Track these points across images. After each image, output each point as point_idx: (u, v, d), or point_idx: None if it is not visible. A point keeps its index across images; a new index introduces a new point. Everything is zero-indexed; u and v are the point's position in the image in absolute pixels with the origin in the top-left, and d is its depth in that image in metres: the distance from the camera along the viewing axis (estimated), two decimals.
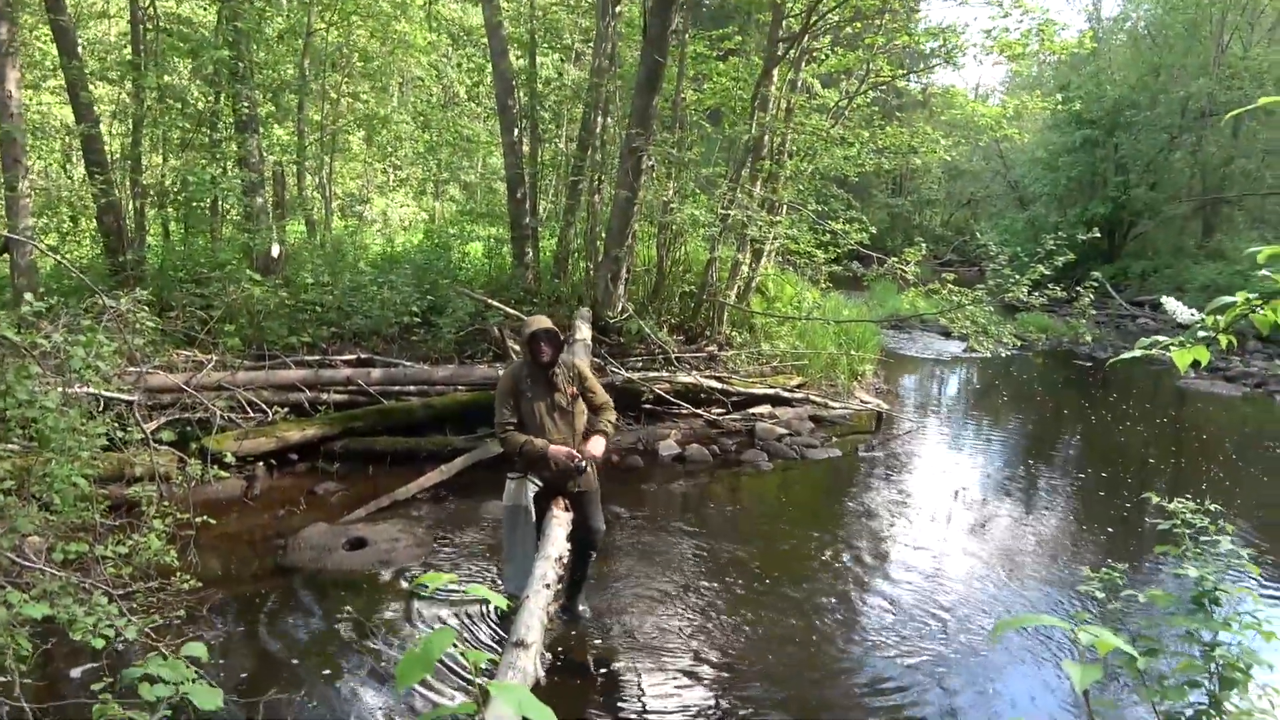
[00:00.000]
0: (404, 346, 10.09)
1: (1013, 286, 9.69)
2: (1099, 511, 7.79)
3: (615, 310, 10.06)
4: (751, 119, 10.73)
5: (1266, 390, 13.43)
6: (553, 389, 4.78)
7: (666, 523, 7.09)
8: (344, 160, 16.00)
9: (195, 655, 2.61)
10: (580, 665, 4.82)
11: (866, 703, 4.54)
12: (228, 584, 5.56)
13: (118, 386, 6.44)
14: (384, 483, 7.43)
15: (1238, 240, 21.67)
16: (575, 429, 4.85)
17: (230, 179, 10.39)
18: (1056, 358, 16.47)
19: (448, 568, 6.00)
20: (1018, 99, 12.46)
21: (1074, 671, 1.57)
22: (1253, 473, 9.35)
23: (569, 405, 4.83)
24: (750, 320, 11.73)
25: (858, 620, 5.49)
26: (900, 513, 7.53)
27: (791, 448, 9.04)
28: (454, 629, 4.88)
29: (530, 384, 4.77)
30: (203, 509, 5.73)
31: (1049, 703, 4.59)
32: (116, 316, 5.80)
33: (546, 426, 4.74)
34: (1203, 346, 1.96)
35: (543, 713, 1.24)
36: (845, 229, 10.95)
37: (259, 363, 8.75)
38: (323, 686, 4.47)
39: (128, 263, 9.64)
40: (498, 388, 4.91)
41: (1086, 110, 23.34)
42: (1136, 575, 6.12)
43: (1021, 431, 11.24)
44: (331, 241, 12.98)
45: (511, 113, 11.65)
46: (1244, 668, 2.40)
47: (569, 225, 12.08)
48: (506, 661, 3.55)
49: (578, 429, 4.87)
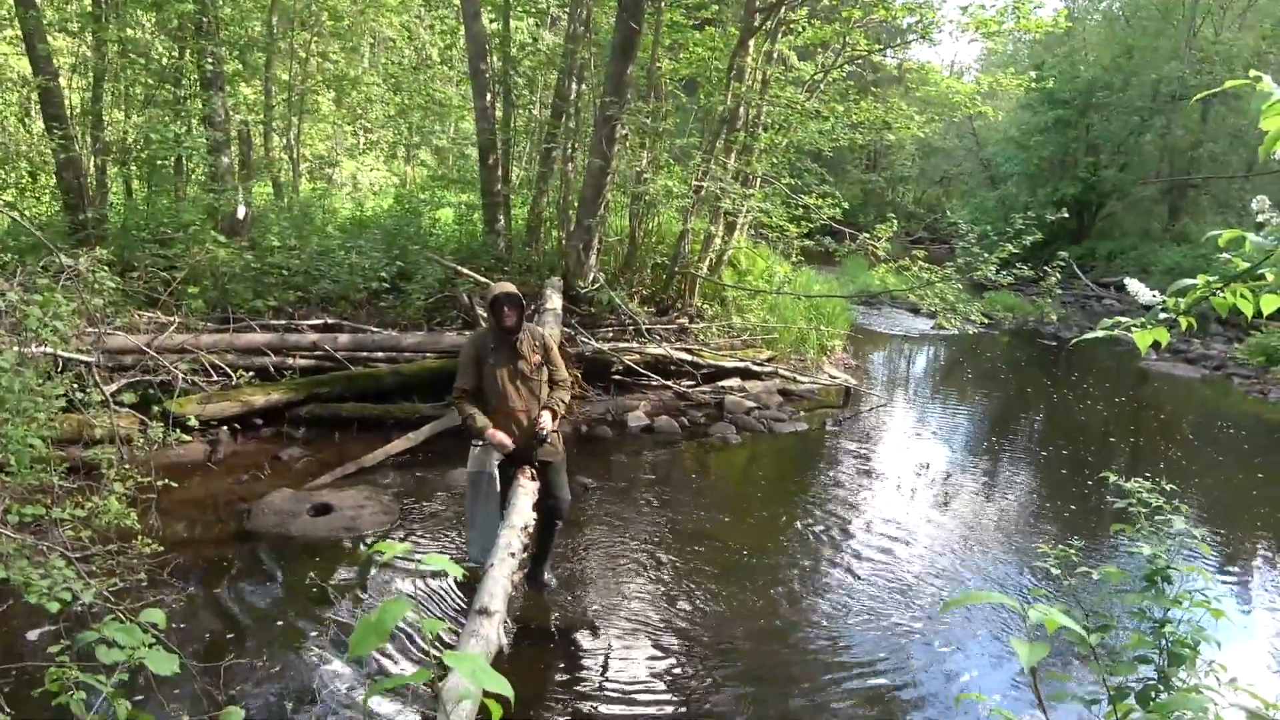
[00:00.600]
0: (372, 312, 9.97)
1: (981, 265, 9.77)
2: (1059, 489, 7.94)
3: (587, 280, 10.01)
4: (727, 90, 10.66)
5: (1225, 373, 13.71)
6: (516, 356, 4.76)
7: (634, 494, 7.12)
8: (313, 121, 15.69)
9: (153, 620, 2.58)
10: (545, 635, 4.85)
11: (825, 674, 4.61)
12: (189, 548, 5.50)
13: (76, 347, 6.33)
14: (350, 449, 7.37)
15: (1203, 224, 22.00)
16: (538, 397, 4.83)
17: (195, 138, 10.14)
18: (1022, 337, 16.67)
19: (414, 536, 5.98)
20: (992, 77, 12.46)
21: (1021, 649, 1.59)
22: (1208, 453, 9.56)
23: (531, 373, 4.80)
24: (721, 293, 11.73)
25: (820, 592, 5.56)
26: (865, 487, 7.62)
27: (760, 421, 9.09)
28: (410, 598, 4.89)
29: (493, 350, 4.75)
30: (164, 473, 5.67)
31: (1004, 676, 4.70)
32: (75, 275, 5.67)
33: (508, 393, 4.72)
34: (1163, 328, 1.98)
35: (498, 682, 1.24)
36: (818, 203, 10.95)
37: (223, 326, 8.61)
38: (284, 653, 4.45)
39: (88, 221, 9.41)
40: (461, 352, 4.88)
41: (1060, 90, 23.47)
42: (1092, 552, 6.26)
43: (986, 409, 11.39)
44: (299, 204, 12.75)
45: (484, 77, 11.47)
46: (1193, 644, 2.46)
47: (541, 193, 11.97)
48: (470, 629, 3.55)
49: (540, 397, 4.84)
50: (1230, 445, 10.07)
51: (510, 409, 4.72)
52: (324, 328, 9.13)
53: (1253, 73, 1.68)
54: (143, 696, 3.72)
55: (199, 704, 3.66)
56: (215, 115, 10.59)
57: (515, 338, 4.75)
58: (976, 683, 4.58)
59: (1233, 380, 13.22)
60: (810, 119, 11.84)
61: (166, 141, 9.73)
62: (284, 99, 13.58)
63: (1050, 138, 25.05)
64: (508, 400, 4.71)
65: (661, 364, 9.69)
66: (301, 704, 4.03)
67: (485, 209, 11.90)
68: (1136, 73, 23.98)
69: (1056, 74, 23.35)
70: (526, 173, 14.07)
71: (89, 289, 6.65)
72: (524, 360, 4.77)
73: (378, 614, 1.42)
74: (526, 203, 12.70)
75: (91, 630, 2.46)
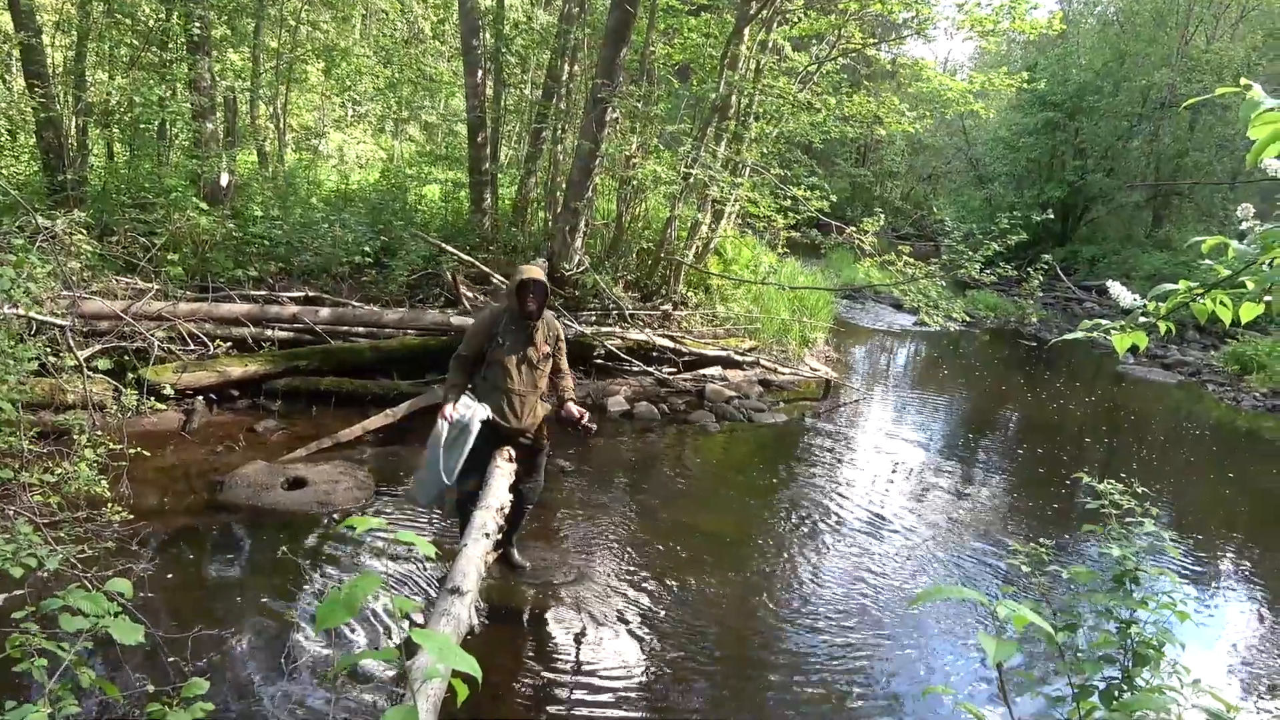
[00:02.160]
0: (354, 287, 9.90)
1: (966, 263, 9.81)
2: (1032, 487, 8.01)
3: (572, 263, 9.97)
4: (720, 77, 10.61)
5: (1199, 379, 13.87)
6: (529, 341, 4.76)
7: (611, 479, 7.12)
8: (300, 91, 15.49)
9: (119, 589, 2.55)
10: (516, 616, 4.85)
11: (794, 663, 4.63)
12: (161, 518, 5.45)
13: (51, 310, 6.24)
14: (327, 424, 7.32)
15: (1186, 232, 22.18)
16: (538, 387, 4.85)
17: (179, 102, 10.00)
18: (1003, 336, 16.78)
19: (388, 513, 5.95)
20: (985, 76, 12.47)
21: (989, 645, 1.60)
22: (1179, 457, 9.68)
23: (538, 361, 4.81)
24: (706, 281, 11.72)
25: (792, 583, 5.59)
26: (841, 480, 7.66)
27: (739, 410, 9.11)
28: (380, 574, 4.87)
29: (510, 330, 4.74)
30: (137, 441, 5.61)
31: (971, 671, 4.74)
32: (52, 237, 5.59)
33: (512, 374, 4.73)
34: (1141, 332, 1.99)
35: (466, 662, 1.23)
36: (806, 195, 10.94)
37: (202, 294, 8.52)
38: (253, 625, 4.43)
39: (67, 182, 9.25)
40: (474, 319, 4.87)
41: (1051, 92, 23.54)
42: (1063, 551, 6.32)
43: (964, 406, 11.47)
44: (284, 174, 12.62)
45: (476, 53, 11.37)
46: (1157, 645, 2.48)
47: (529, 174, 11.90)
48: (440, 608, 3.53)
49: (540, 387, 4.87)
50: (1201, 450, 10.19)
51: (509, 389, 4.73)
52: (305, 300, 9.06)
53: (1243, 80, 1.68)
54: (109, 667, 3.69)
55: (165, 675, 3.63)
56: (201, 80, 10.43)
57: (533, 324, 4.74)
58: (945, 677, 4.62)
59: (1207, 387, 13.37)
60: (802, 110, 11.82)
61: (150, 105, 9.58)
62: (272, 67, 13.41)
63: (1039, 139, 25.15)
64: (510, 380, 4.73)
65: (643, 350, 9.68)
66: (269, 677, 4.02)
67: (472, 187, 11.81)
68: (1128, 78, 24.09)
69: (1048, 76, 23.43)
70: (515, 152, 13.99)
71: (66, 251, 6.56)
72: (534, 347, 4.77)
73: (347, 588, 1.41)
74: (514, 183, 12.61)
75: (55, 597, 2.43)
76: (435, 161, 13.99)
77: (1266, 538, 7.63)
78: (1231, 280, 1.79)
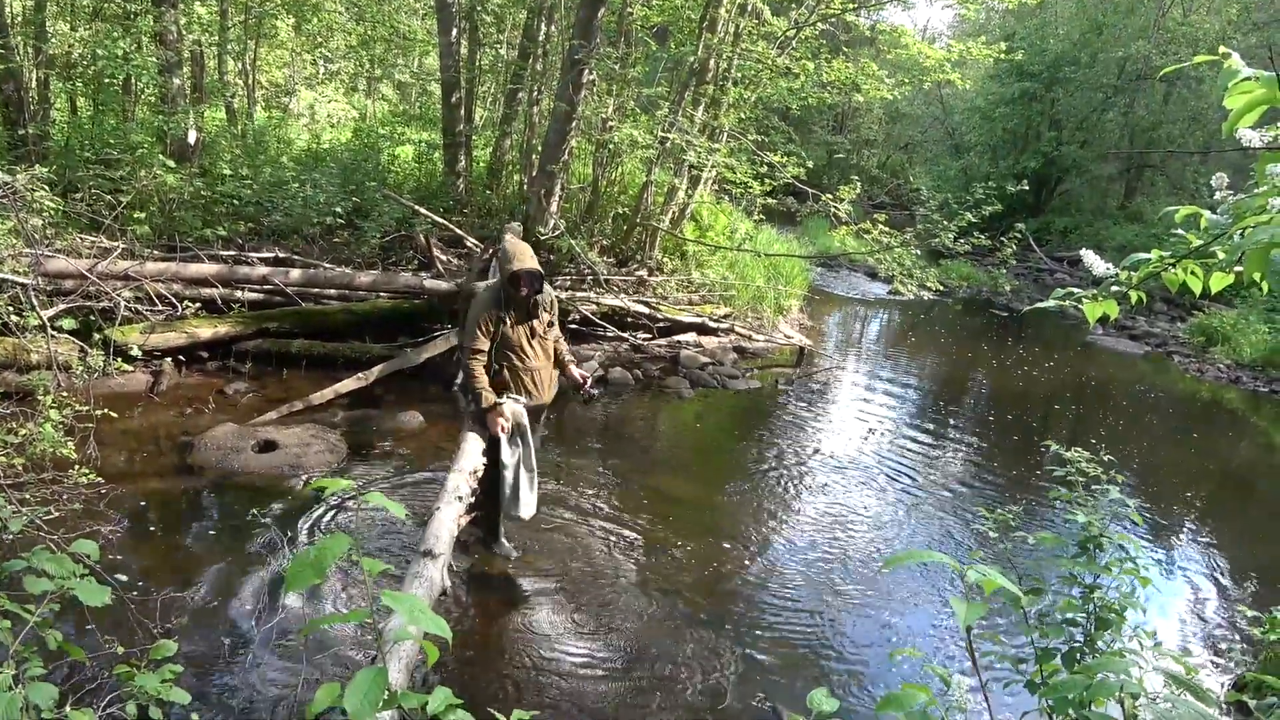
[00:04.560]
0: (325, 248, 9.77)
1: (940, 232, 9.84)
2: (1001, 455, 8.12)
3: (547, 227, 9.89)
4: (698, 40, 10.50)
5: (1165, 350, 14.08)
6: (531, 315, 4.73)
7: (584, 443, 7.13)
8: (270, 47, 15.16)
9: (86, 551, 2.52)
10: (488, 580, 4.86)
11: (765, 626, 4.69)
12: (129, 480, 5.39)
13: (13, 269, 6.11)
14: (298, 387, 7.26)
15: (1157, 204, 22.39)
16: (549, 355, 4.89)
17: (144, 56, 9.73)
18: (975, 306, 16.91)
19: (360, 476, 5.93)
20: (963, 45, 12.43)
21: (959, 608, 1.62)
22: (1143, 425, 9.84)
23: (544, 332, 4.82)
24: (682, 247, 11.69)
25: (763, 547, 5.64)
26: (812, 446, 7.72)
27: (714, 377, 9.13)
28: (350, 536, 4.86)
29: (510, 308, 4.70)
30: (104, 403, 5.54)
31: (939, 634, 4.83)
32: (12, 193, 5.45)
33: (528, 351, 4.75)
34: (1113, 301, 2.00)
35: (437, 624, 1.22)
36: (783, 162, 10.90)
37: (170, 254, 8.37)
38: (222, 588, 4.41)
39: (28, 137, 9.01)
40: (474, 305, 4.78)
41: (1028, 62, 23.50)
42: (1030, 517, 6.43)
43: (936, 375, 11.57)
44: (253, 132, 12.37)
45: (451, 11, 11.16)
46: (1119, 610, 2.54)
47: (505, 135, 11.75)
48: (413, 571, 3.54)
49: (550, 356, 4.90)
50: (1165, 420, 10.37)
51: (530, 366, 4.76)
52: (275, 261, 8.92)
53: (1222, 49, 1.68)
54: (77, 630, 3.66)
55: (133, 637, 3.61)
56: (167, 33, 10.15)
57: (532, 300, 4.71)
58: (911, 639, 4.71)
59: (1173, 358, 13.58)
60: (780, 76, 11.74)
61: (114, 58, 9.32)
62: (240, 21, 13.08)
63: (1015, 110, 25.17)
64: (527, 358, 4.75)
65: (618, 315, 9.66)
66: (238, 639, 4.01)
67: (446, 149, 11.65)
68: (1104, 50, 24.11)
69: (1026, 46, 23.39)
70: (490, 114, 13.79)
71: (28, 208, 6.41)
72: (538, 320, 4.75)
73: (316, 550, 1.39)
74: (489, 144, 12.45)
75: (20, 559, 2.40)
76: (409, 122, 13.77)
77: (1224, 506, 7.82)
78: (1203, 250, 1.80)
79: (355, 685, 1.35)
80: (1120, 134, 25.09)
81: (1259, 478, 8.95)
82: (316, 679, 3.77)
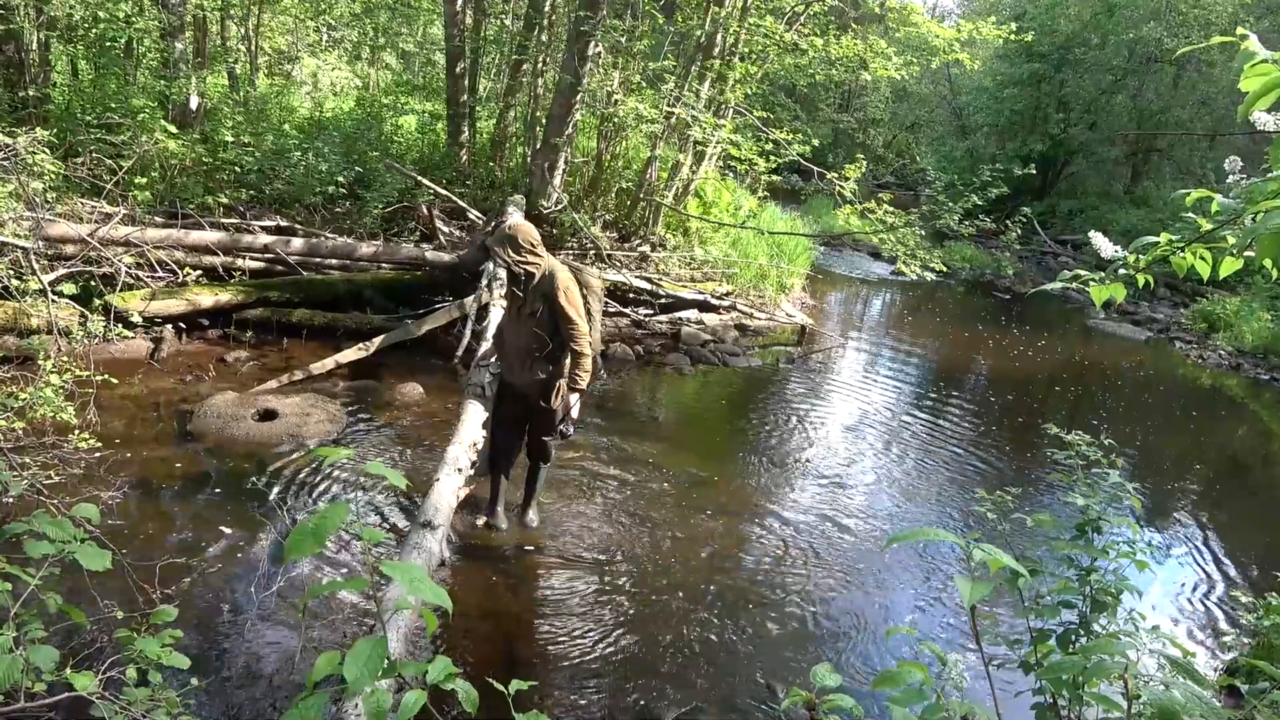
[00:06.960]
0: (327, 218, 9.72)
1: (945, 214, 9.79)
2: (1001, 437, 8.13)
3: (549, 201, 9.84)
4: (706, 14, 10.40)
5: (1168, 336, 14.07)
6: (519, 299, 4.65)
7: (584, 420, 7.12)
8: (273, 13, 14.99)
9: (86, 515, 2.53)
10: (488, 552, 4.88)
11: (762, 604, 4.72)
12: (129, 446, 5.39)
13: (13, 232, 6.09)
14: (298, 356, 7.26)
15: (1164, 189, 22.27)
16: (531, 347, 4.61)
17: (147, 19, 9.63)
18: (978, 288, 16.86)
19: (359, 446, 5.94)
20: (973, 24, 12.30)
21: (964, 586, 1.63)
22: (1143, 410, 9.85)
23: (524, 320, 4.60)
24: (685, 224, 11.63)
25: (761, 525, 5.66)
26: (812, 425, 7.72)
27: (715, 354, 9.13)
28: (349, 505, 4.87)
29: (513, 284, 4.68)
30: (105, 369, 5.54)
31: (935, 613, 4.85)
32: (13, 155, 5.41)
33: (508, 331, 4.78)
34: (1120, 284, 1.99)
35: (436, 594, 1.22)
36: (788, 139, 10.82)
37: (171, 220, 8.33)
38: (222, 555, 4.43)
39: (29, 99, 8.94)
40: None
41: (1037, 43, 23.29)
42: (1028, 500, 6.45)
43: (937, 356, 11.56)
44: (255, 99, 12.26)
45: None
46: (1115, 593, 2.54)
47: (509, 107, 11.66)
48: (412, 542, 3.55)
49: (530, 347, 4.61)
50: (1165, 405, 10.38)
51: (506, 342, 4.81)
52: (277, 230, 8.89)
53: (1240, 30, 1.65)
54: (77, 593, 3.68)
55: (134, 602, 3.62)
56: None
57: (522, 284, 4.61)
58: (907, 618, 4.73)
59: (1175, 344, 13.57)
60: (788, 52, 11.63)
61: (116, 21, 9.23)
62: None
63: (1023, 91, 24.96)
64: (505, 338, 4.83)
65: (620, 291, 9.63)
66: (237, 606, 4.03)
67: (450, 119, 11.57)
68: (1115, 31, 23.87)
69: (1036, 26, 23.15)
70: (495, 85, 13.67)
71: (28, 171, 6.37)
72: (525, 304, 4.62)
73: (315, 519, 1.39)
74: (493, 116, 12.36)
75: (21, 522, 2.40)
76: (412, 91, 13.67)
77: (1223, 492, 7.84)
78: (1213, 234, 1.79)
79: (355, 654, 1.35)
80: (1129, 117, 24.89)
81: (1258, 465, 8.97)
82: (316, 647, 3.79)
